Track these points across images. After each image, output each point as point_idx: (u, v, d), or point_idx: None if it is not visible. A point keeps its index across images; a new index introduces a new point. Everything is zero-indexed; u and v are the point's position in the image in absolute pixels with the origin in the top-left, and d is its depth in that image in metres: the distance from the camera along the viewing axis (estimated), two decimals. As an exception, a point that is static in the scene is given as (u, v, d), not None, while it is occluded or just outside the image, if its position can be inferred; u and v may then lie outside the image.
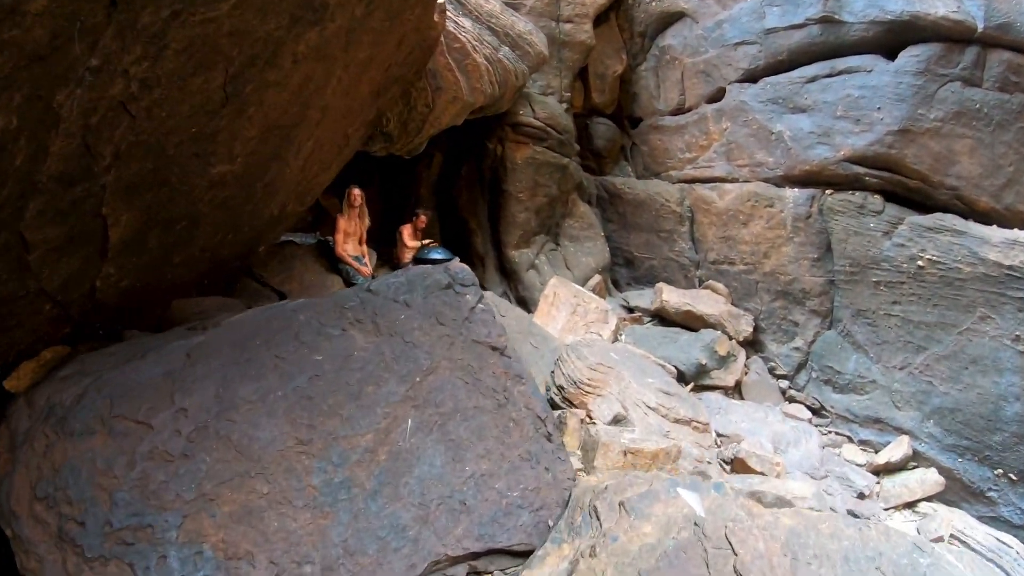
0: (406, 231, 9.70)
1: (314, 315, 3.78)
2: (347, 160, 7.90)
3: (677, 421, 6.27)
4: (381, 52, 6.24)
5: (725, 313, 8.70)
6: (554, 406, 6.42)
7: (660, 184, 10.36)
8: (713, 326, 8.64)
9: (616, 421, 5.54)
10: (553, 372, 6.66)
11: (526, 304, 10.01)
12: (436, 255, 9.42)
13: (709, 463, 6.07)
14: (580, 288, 9.01)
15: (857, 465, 7.47)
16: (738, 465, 6.27)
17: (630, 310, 9.77)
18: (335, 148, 7.16)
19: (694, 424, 6.35)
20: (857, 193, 7.77)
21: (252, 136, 4.54)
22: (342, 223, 8.35)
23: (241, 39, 3.55)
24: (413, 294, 4.06)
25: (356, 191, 8.44)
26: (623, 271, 11.03)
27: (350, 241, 8.45)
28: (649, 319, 9.44)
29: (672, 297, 8.95)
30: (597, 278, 9.79)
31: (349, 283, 8.26)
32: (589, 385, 6.27)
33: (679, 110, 10.36)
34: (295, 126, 5.20)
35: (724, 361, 8.29)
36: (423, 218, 9.71)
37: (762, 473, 6.13)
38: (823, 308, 8.25)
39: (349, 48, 5.11)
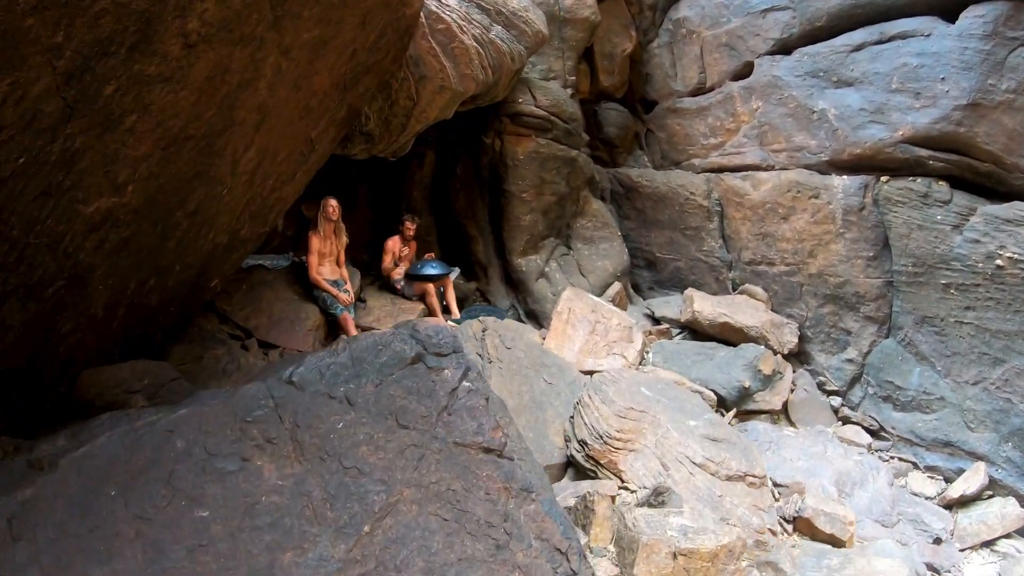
0: (393, 243, 8.42)
1: (199, 438, 2.50)
2: (317, 167, 6.68)
3: (729, 479, 4.97)
4: (339, 34, 4.95)
5: (767, 323, 7.36)
6: (576, 467, 5.13)
7: (682, 175, 9.01)
8: (754, 339, 7.31)
9: (657, 494, 4.22)
10: (573, 419, 5.39)
11: (537, 319, 8.72)
12: (430, 269, 8.18)
13: (772, 533, 4.74)
14: (598, 300, 7.69)
15: (927, 498, 6.20)
16: (803, 526, 5.01)
17: (656, 320, 8.43)
18: (295, 155, 5.88)
19: (749, 479, 5.05)
20: (919, 180, 6.43)
21: (143, 154, 3.26)
22: (315, 242, 7.09)
23: (66, 17, 2.22)
24: (360, 381, 2.78)
25: (332, 202, 7.17)
26: (645, 274, 9.70)
27: (326, 263, 7.20)
28: (679, 331, 8.10)
29: (705, 307, 7.60)
30: (617, 286, 8.47)
31: (327, 312, 6.98)
32: (619, 440, 4.98)
33: (699, 90, 8.99)
34: (218, 134, 3.93)
35: (769, 380, 6.97)
36: (410, 226, 8.43)
37: (833, 537, 4.84)
38: (880, 314, 6.90)
39: (280, 27, 3.81)
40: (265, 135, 4.97)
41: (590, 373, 6.90)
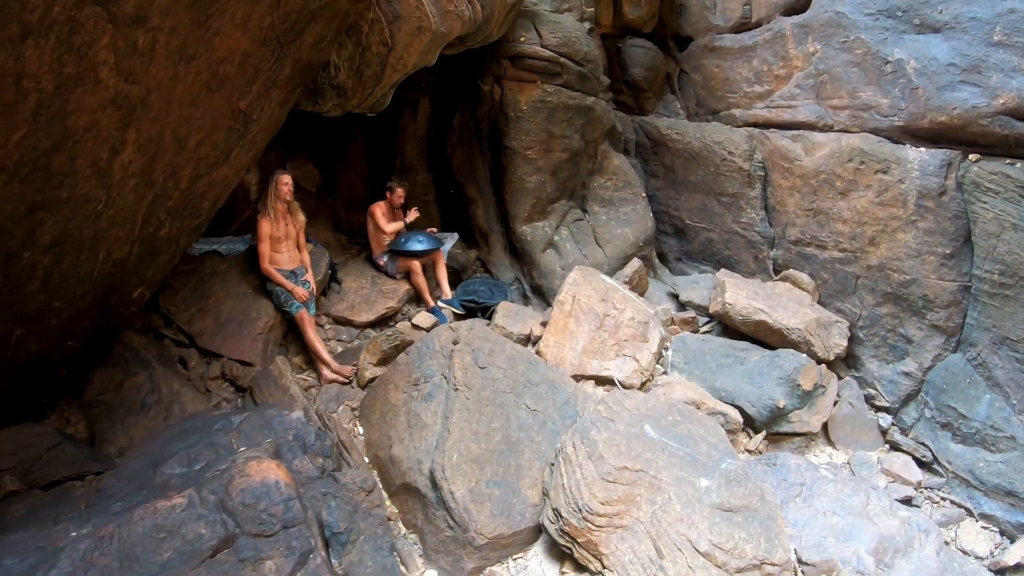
0: (378, 211, 7.38)
1: None
2: (267, 137, 5.67)
3: (741, 571, 4.01)
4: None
5: (812, 323, 6.23)
6: (550, 540, 4.25)
7: (720, 129, 7.71)
8: (795, 343, 6.21)
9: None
10: (553, 469, 4.44)
11: (543, 295, 7.73)
12: (416, 244, 7.20)
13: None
14: (611, 284, 6.61)
15: (977, 558, 5.25)
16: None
17: (681, 305, 7.32)
18: (219, 135, 4.96)
19: (767, 568, 4.10)
20: (1020, 164, 5.09)
21: None
22: (266, 227, 6.17)
23: None
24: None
25: (285, 179, 6.19)
26: (672, 242, 8.53)
27: (282, 248, 6.28)
28: (706, 321, 7.00)
29: (739, 298, 6.48)
30: (636, 264, 7.34)
31: (281, 310, 6.07)
32: (604, 516, 4.07)
33: (744, 25, 7.57)
34: (49, 153, 2.93)
35: (809, 397, 5.92)
36: (399, 191, 7.41)
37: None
38: (950, 324, 5.74)
39: None
40: (149, 127, 3.97)
41: (593, 379, 5.94)
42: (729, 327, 6.71)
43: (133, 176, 4.09)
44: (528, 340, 6.62)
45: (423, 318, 6.82)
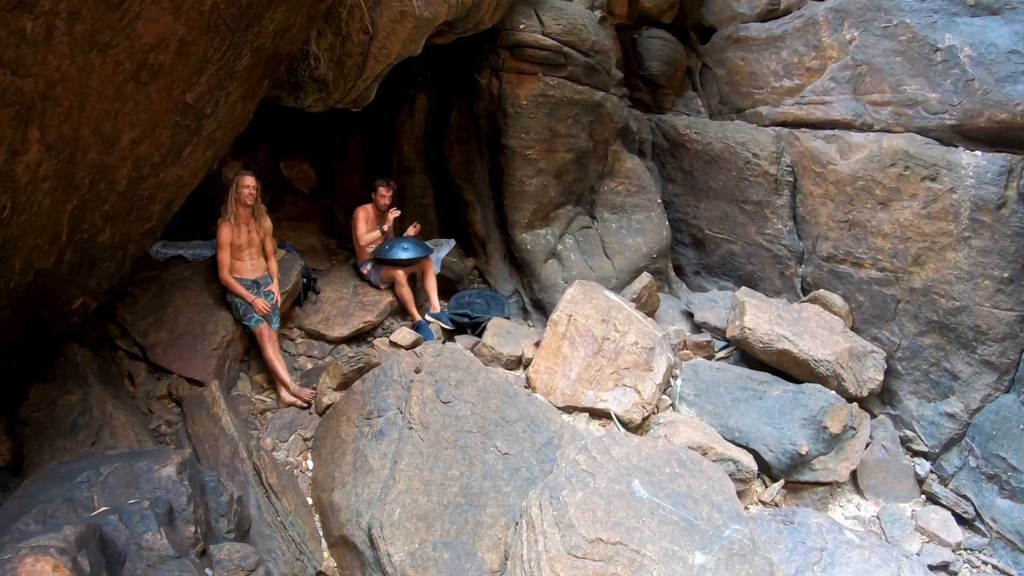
0: (360, 215, 6.90)
1: None
2: (230, 133, 5.29)
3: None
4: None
5: (843, 354, 5.60)
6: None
7: (744, 128, 7.11)
8: (823, 377, 5.58)
9: None
10: (516, 530, 3.88)
11: (544, 310, 7.22)
12: (401, 252, 6.70)
13: None
14: (615, 300, 6.05)
15: None
16: None
17: (696, 326, 6.71)
18: (164, 132, 4.57)
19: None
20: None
21: None
22: (226, 233, 5.77)
23: None
24: None
25: (248, 182, 5.79)
26: (690, 254, 7.91)
27: (245, 257, 5.88)
28: (723, 346, 6.39)
29: (760, 322, 5.86)
30: (645, 279, 6.73)
31: (241, 323, 5.61)
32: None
33: (771, 13, 6.98)
34: None
35: (837, 441, 5.31)
36: (383, 191, 6.88)
37: None
38: (1004, 360, 5.12)
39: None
40: (59, 125, 3.54)
41: (587, 411, 5.37)
42: (748, 355, 6.08)
43: (46, 179, 3.68)
44: (519, 363, 6.08)
45: (403, 334, 6.30)
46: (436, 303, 6.99)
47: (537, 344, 5.94)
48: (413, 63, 8.02)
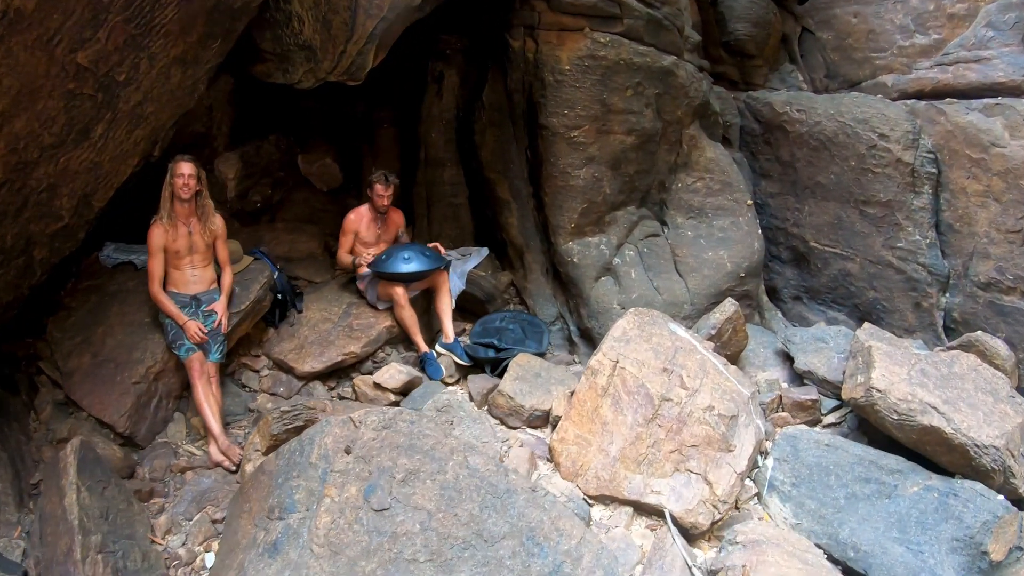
0: (356, 218, 5.68)
1: None
2: (169, 109, 4.43)
3: None
4: None
5: (1015, 436, 3.76)
6: None
7: (867, 101, 5.46)
8: (985, 472, 3.77)
9: None
10: None
11: (593, 342, 5.67)
12: (402, 264, 5.27)
13: None
14: (684, 338, 4.37)
15: None
16: None
17: (798, 376, 4.93)
18: (47, 101, 3.63)
19: None
20: None
21: None
22: (157, 236, 4.47)
23: None
24: None
25: (183, 167, 4.47)
26: (789, 273, 6.16)
27: (184, 266, 4.62)
28: (834, 407, 4.63)
29: (896, 381, 4.07)
30: (730, 309, 4.98)
31: (170, 348, 4.24)
32: None
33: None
34: None
35: (996, 569, 3.49)
36: (382, 191, 5.51)
37: None
38: None
39: None
40: None
41: (631, 505, 3.70)
42: (871, 424, 4.23)
43: None
44: (547, 420, 4.46)
45: (391, 374, 4.81)
46: (449, 330, 5.44)
47: (574, 395, 4.28)
48: (442, 33, 6.64)
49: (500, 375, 5.00)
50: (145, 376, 4.40)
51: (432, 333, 5.64)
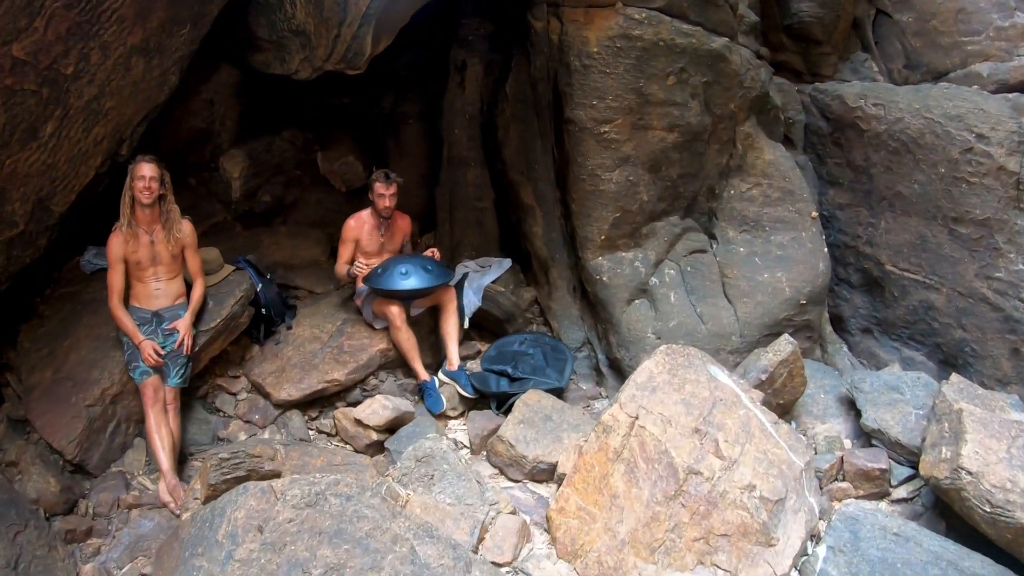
0: (349, 226, 5.02)
1: None
2: (134, 104, 4.09)
3: None
4: None
5: None
6: None
7: (961, 94, 4.53)
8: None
9: None
10: None
11: (624, 375, 4.87)
12: (400, 279, 4.60)
13: None
14: (724, 381, 3.56)
15: None
16: None
17: (866, 435, 4.04)
18: None
19: None
20: None
21: None
22: (116, 245, 4.02)
23: None
24: None
25: (144, 169, 3.97)
26: (858, 301, 5.28)
27: (148, 278, 4.16)
28: (908, 475, 3.74)
29: (991, 462, 3.19)
30: (786, 349, 4.10)
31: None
32: None
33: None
34: None
35: None
36: (383, 190, 4.84)
37: None
38: None
39: None
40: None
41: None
42: (952, 511, 3.31)
43: None
44: (553, 476, 3.70)
45: (375, 408, 4.14)
46: (454, 355, 4.74)
47: (580, 455, 3.49)
48: (467, 18, 5.95)
49: (507, 412, 4.27)
50: (101, 399, 3.96)
51: (440, 356, 4.93)
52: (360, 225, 4.88)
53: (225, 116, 6.00)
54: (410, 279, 4.53)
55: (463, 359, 5.23)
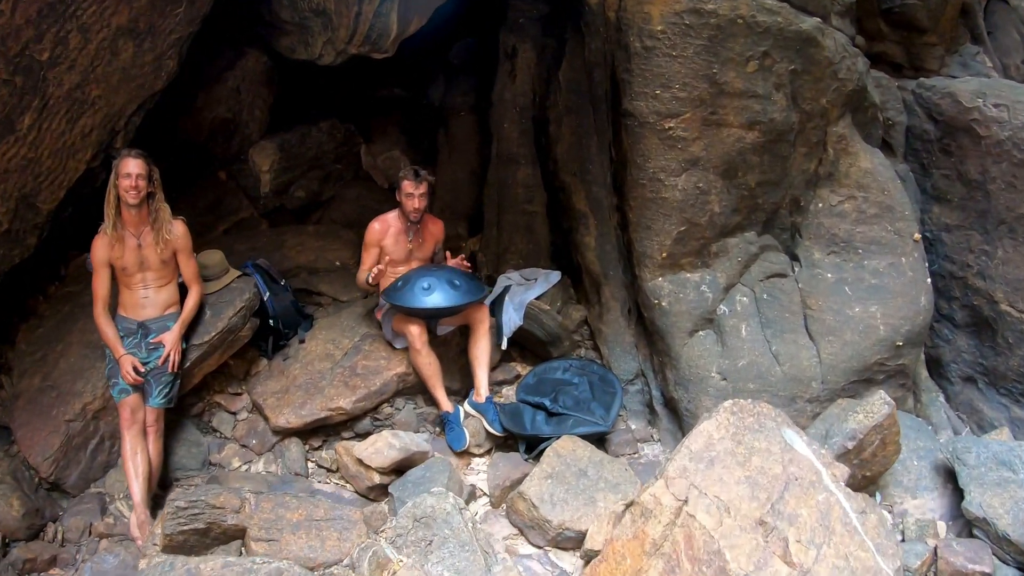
0: (374, 229, 4.37)
1: None
2: (125, 93, 3.80)
3: None
4: None
5: None
6: None
7: None
8: None
9: None
10: None
11: (680, 418, 4.25)
12: (421, 296, 3.96)
13: None
14: (802, 452, 2.81)
15: None
16: None
17: (965, 521, 3.22)
18: None
19: None
20: None
21: None
22: (100, 248, 3.60)
23: None
24: None
25: (129, 166, 3.52)
26: (962, 341, 4.46)
27: (136, 284, 3.72)
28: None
29: None
30: (880, 410, 3.29)
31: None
32: None
33: None
34: None
35: None
36: (411, 189, 4.23)
37: None
38: None
39: None
40: None
41: None
42: None
43: None
44: (580, 548, 3.05)
45: (377, 447, 3.60)
46: (483, 385, 4.12)
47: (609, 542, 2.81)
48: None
49: (539, 456, 3.64)
50: (81, 413, 3.70)
51: (472, 381, 4.30)
52: (385, 229, 4.30)
53: (253, 105, 5.71)
54: (433, 295, 3.92)
55: (500, 383, 4.68)
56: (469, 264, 4.32)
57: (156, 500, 3.68)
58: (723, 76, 3.79)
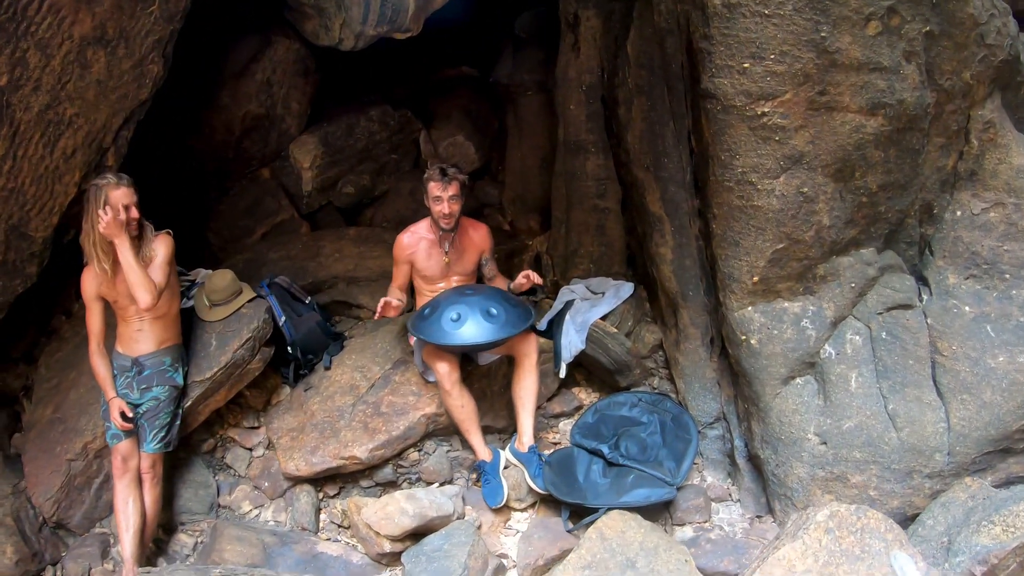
0: (410, 241, 3.84)
1: None
2: (130, 95, 3.61)
3: None
4: None
5: None
6: None
7: None
8: None
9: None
10: None
11: (765, 479, 3.58)
12: (449, 328, 3.35)
13: None
14: None
15: None
16: None
17: None
18: None
19: None
20: None
21: None
22: (89, 282, 3.31)
23: None
24: None
25: (117, 194, 3.17)
26: None
27: (132, 318, 3.38)
28: None
29: None
30: None
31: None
32: None
33: None
34: None
35: None
36: (438, 191, 3.69)
37: None
38: None
39: None
40: None
41: None
42: None
43: None
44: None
45: (388, 512, 3.11)
46: (527, 431, 3.52)
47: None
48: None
49: (588, 525, 3.00)
50: (83, 452, 3.51)
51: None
52: (415, 242, 3.74)
53: (288, 98, 5.42)
54: (463, 327, 3.31)
55: (557, 416, 4.12)
56: (539, 279, 3.67)
57: (158, 544, 3.47)
58: (835, 42, 2.91)
